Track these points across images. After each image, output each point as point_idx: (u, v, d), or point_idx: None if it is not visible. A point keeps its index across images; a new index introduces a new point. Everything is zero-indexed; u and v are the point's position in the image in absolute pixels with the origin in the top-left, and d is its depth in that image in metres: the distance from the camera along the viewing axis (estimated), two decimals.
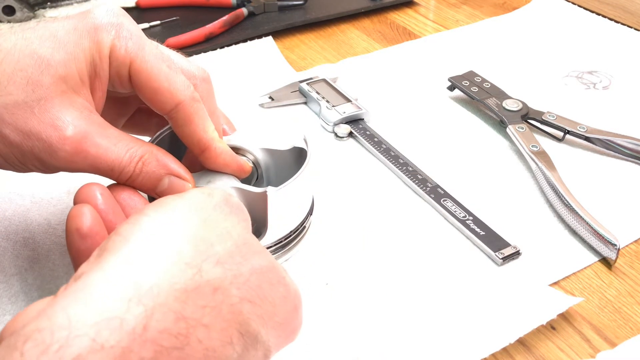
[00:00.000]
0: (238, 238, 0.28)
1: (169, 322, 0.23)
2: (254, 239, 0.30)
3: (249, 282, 0.27)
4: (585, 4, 0.79)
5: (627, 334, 0.39)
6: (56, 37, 0.34)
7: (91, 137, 0.34)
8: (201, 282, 0.25)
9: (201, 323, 0.24)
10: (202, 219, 0.28)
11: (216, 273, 0.26)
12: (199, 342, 0.24)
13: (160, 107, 0.36)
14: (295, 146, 0.43)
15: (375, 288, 0.41)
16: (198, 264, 0.26)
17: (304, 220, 0.43)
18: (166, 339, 0.23)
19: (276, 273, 0.29)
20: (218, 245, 0.27)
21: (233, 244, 0.28)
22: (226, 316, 0.25)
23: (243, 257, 0.28)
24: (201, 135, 0.37)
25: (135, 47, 0.35)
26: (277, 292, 0.28)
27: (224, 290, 0.26)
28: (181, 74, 0.36)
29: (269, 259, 0.29)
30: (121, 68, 0.35)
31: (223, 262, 0.27)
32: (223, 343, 0.25)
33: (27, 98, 0.33)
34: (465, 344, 0.37)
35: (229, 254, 0.27)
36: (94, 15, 0.35)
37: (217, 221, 0.29)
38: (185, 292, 0.24)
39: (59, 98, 0.33)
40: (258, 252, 0.29)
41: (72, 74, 0.34)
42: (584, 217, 0.44)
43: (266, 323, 0.27)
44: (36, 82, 0.33)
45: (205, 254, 0.26)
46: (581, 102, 0.61)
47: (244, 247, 0.28)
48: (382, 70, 0.66)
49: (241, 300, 0.26)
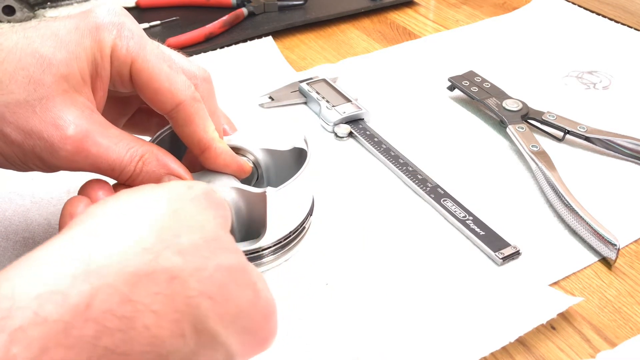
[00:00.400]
0: (209, 233, 0.28)
1: (113, 303, 0.23)
2: (229, 237, 0.29)
3: (212, 278, 0.26)
4: (585, 4, 0.79)
5: (627, 334, 0.39)
6: (58, 36, 0.34)
7: (92, 137, 0.34)
8: (157, 269, 0.25)
9: (150, 309, 0.24)
10: (173, 209, 0.28)
11: (176, 262, 0.25)
12: (146, 328, 0.24)
13: (161, 107, 0.36)
14: (295, 147, 0.43)
15: (375, 288, 0.41)
16: (157, 250, 0.25)
17: (303, 221, 0.43)
18: (109, 320, 0.23)
19: (246, 276, 0.28)
20: (184, 236, 0.27)
21: (202, 237, 0.27)
22: (180, 307, 0.25)
23: (211, 252, 0.27)
24: (201, 136, 0.37)
25: (137, 46, 0.35)
26: (244, 295, 0.28)
27: (182, 280, 0.25)
28: (182, 74, 0.36)
29: (241, 261, 0.29)
30: (122, 67, 0.35)
31: (186, 253, 0.26)
32: (173, 334, 0.25)
33: (28, 97, 0.33)
34: (465, 344, 0.37)
35: (194, 247, 0.27)
36: (96, 15, 0.35)
37: (189, 213, 0.28)
38: (137, 275, 0.24)
39: (60, 97, 0.33)
40: (229, 250, 0.28)
41: (74, 73, 0.34)
42: (584, 217, 0.44)
43: (227, 325, 0.27)
44: (38, 81, 0.33)
45: (168, 242, 0.26)
46: (581, 102, 0.61)
47: (213, 242, 0.28)
48: (382, 70, 0.66)
49: (200, 294, 0.26)
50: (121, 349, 0.23)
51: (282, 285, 0.41)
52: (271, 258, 0.42)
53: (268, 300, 0.29)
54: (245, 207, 0.39)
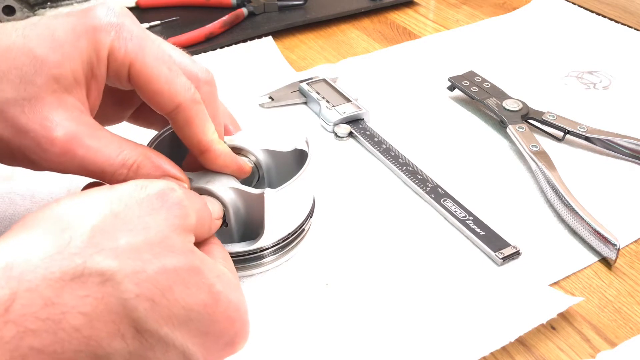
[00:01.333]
0: (155, 235, 0.28)
1: (36, 306, 0.24)
2: (182, 238, 0.29)
3: (153, 281, 0.26)
4: (585, 4, 0.79)
5: (627, 334, 0.39)
6: (54, 37, 0.34)
7: (79, 139, 0.34)
8: (85, 272, 0.25)
9: (78, 311, 0.25)
10: (114, 212, 0.28)
11: (109, 265, 0.26)
12: (76, 330, 0.24)
13: (160, 108, 0.36)
14: (296, 148, 0.43)
15: (375, 288, 0.41)
16: (87, 254, 0.26)
17: (304, 222, 0.43)
18: (32, 322, 0.24)
19: (198, 278, 0.28)
20: (123, 238, 0.27)
21: (144, 240, 0.27)
22: (115, 309, 0.25)
23: (154, 255, 0.27)
24: (200, 138, 0.37)
25: (135, 48, 0.34)
26: (194, 298, 0.28)
27: (115, 283, 0.26)
28: (182, 76, 0.36)
29: (193, 262, 0.28)
30: (120, 69, 0.35)
31: (122, 255, 0.26)
32: (110, 335, 0.25)
33: (18, 96, 0.33)
34: (466, 343, 0.37)
35: (134, 249, 0.27)
36: (94, 15, 0.34)
37: (134, 215, 0.28)
38: (62, 280, 0.25)
39: (49, 98, 0.33)
40: (178, 252, 0.28)
41: (66, 74, 0.34)
42: (584, 217, 0.44)
43: (177, 327, 0.27)
44: (29, 81, 0.33)
45: (101, 245, 0.26)
46: (581, 102, 0.61)
47: (159, 245, 0.28)
48: (382, 70, 0.66)
49: (137, 296, 0.26)
50: (51, 349, 0.24)
51: (283, 285, 0.41)
52: (272, 258, 0.42)
53: (231, 302, 0.29)
54: (243, 208, 0.39)
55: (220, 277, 0.29)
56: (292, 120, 0.58)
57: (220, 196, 0.38)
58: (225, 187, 0.39)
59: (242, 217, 0.40)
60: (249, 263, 0.41)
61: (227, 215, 0.39)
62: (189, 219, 0.30)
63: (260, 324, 0.38)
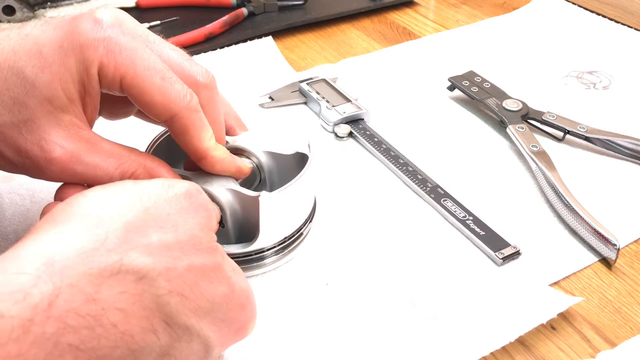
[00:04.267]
0: (184, 233, 0.29)
1: (77, 302, 0.24)
2: (207, 238, 0.30)
3: (183, 277, 0.27)
4: (585, 4, 0.79)
5: (627, 334, 0.39)
6: (42, 55, 0.33)
7: (78, 156, 0.34)
8: (122, 269, 0.26)
9: (115, 307, 0.25)
10: (145, 208, 0.28)
11: (144, 262, 0.26)
12: (113, 325, 0.25)
13: (156, 118, 0.36)
14: (298, 151, 0.43)
15: (375, 288, 0.41)
16: (123, 251, 0.26)
17: (303, 225, 0.43)
18: (73, 318, 0.24)
19: (220, 273, 0.29)
20: (155, 235, 0.27)
21: (174, 237, 0.28)
22: (149, 305, 0.26)
23: (183, 252, 0.28)
24: (197, 146, 0.37)
25: (126, 61, 0.34)
26: (217, 291, 0.29)
27: (150, 280, 0.26)
28: (177, 83, 0.35)
29: (216, 260, 0.30)
30: (112, 84, 0.34)
31: (156, 253, 0.27)
32: (144, 330, 0.26)
33: (13, 118, 0.33)
34: (466, 344, 0.37)
35: (165, 246, 0.27)
36: (81, 31, 0.34)
37: (163, 212, 0.29)
38: (101, 277, 0.25)
39: (45, 118, 0.34)
40: (204, 251, 0.29)
41: (58, 95, 0.34)
42: (584, 217, 0.44)
43: (201, 318, 0.28)
44: (22, 103, 0.33)
45: (135, 242, 0.27)
46: (581, 102, 0.61)
47: (187, 243, 0.28)
48: (382, 70, 0.66)
49: (170, 292, 0.27)
50: (88, 345, 0.24)
51: (283, 285, 0.41)
52: (273, 259, 0.42)
53: (243, 290, 0.31)
54: (240, 209, 0.39)
55: (234, 270, 0.31)
56: (295, 123, 0.58)
57: (217, 197, 0.38)
58: (222, 188, 0.39)
59: (239, 218, 0.40)
60: (250, 264, 0.41)
61: (224, 217, 0.39)
62: (212, 220, 0.32)
63: (260, 323, 0.38)
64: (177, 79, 0.36)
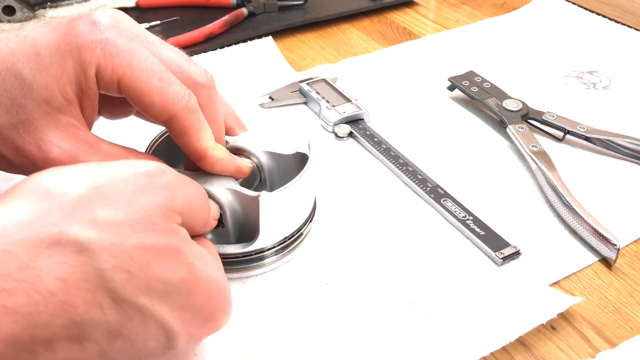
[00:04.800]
0: (137, 212, 0.28)
1: (11, 268, 0.25)
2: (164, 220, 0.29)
3: (131, 254, 0.27)
4: (585, 4, 0.79)
5: (627, 334, 0.39)
6: (39, 57, 0.34)
7: (75, 157, 0.34)
8: (62, 241, 0.26)
9: (55, 277, 0.25)
10: (96, 185, 0.28)
11: (86, 235, 0.26)
12: (51, 294, 0.25)
13: (154, 118, 0.36)
14: (298, 151, 0.43)
15: (375, 288, 0.41)
16: (66, 224, 0.26)
17: (303, 225, 0.43)
18: (7, 282, 0.25)
19: (176, 256, 0.28)
20: (103, 211, 0.27)
21: (125, 215, 0.28)
22: (91, 278, 0.26)
23: (133, 230, 0.27)
24: (196, 146, 0.37)
25: (123, 62, 0.34)
26: (173, 274, 0.28)
27: (92, 253, 0.26)
28: (175, 84, 0.35)
29: (172, 242, 0.28)
30: (110, 85, 0.35)
31: (102, 228, 0.27)
32: (87, 303, 0.26)
33: (12, 119, 0.34)
34: (466, 344, 0.37)
35: (113, 223, 0.27)
36: (78, 32, 0.34)
37: (117, 190, 0.28)
38: (38, 246, 0.25)
39: (43, 120, 0.34)
40: (159, 232, 0.28)
41: (56, 97, 0.34)
42: (584, 217, 0.44)
43: (155, 300, 0.27)
44: (20, 104, 0.34)
45: (80, 217, 0.27)
46: (581, 102, 0.61)
47: (139, 221, 0.28)
48: (382, 70, 0.66)
49: (114, 267, 0.26)
50: (25, 310, 0.25)
51: (283, 285, 0.41)
52: (273, 259, 0.42)
53: (210, 278, 0.30)
54: (240, 209, 0.39)
55: (201, 258, 0.30)
56: (295, 123, 0.58)
57: (217, 197, 0.38)
58: (222, 188, 0.39)
59: (239, 218, 0.40)
60: (250, 264, 0.41)
61: (224, 216, 0.39)
62: (175, 202, 0.30)
63: (260, 323, 0.38)
64: (176, 79, 0.36)
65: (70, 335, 0.26)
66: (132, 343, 0.27)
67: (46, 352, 0.25)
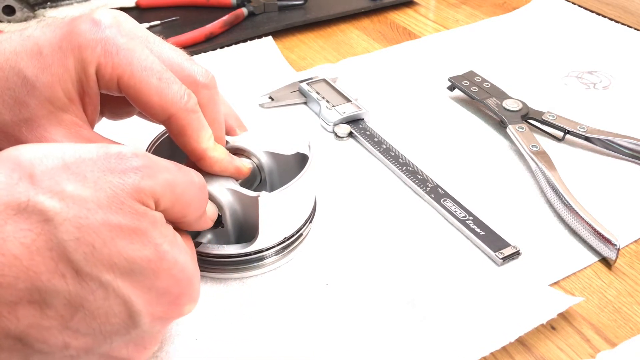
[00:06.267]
0: (104, 191, 0.28)
1: None
2: (132, 201, 0.29)
3: (96, 229, 0.27)
4: (585, 4, 0.79)
5: (627, 334, 0.39)
6: (42, 55, 0.34)
7: None
8: (28, 209, 0.26)
9: (20, 242, 0.26)
10: (65, 163, 0.28)
11: (52, 206, 0.27)
12: (15, 257, 0.26)
13: (153, 118, 0.36)
14: (298, 152, 0.43)
15: (375, 288, 0.41)
16: (33, 194, 0.27)
17: (303, 226, 0.43)
18: None
19: (143, 237, 0.28)
20: (70, 185, 0.27)
21: (92, 193, 0.28)
22: (54, 247, 0.26)
23: (99, 207, 0.28)
24: (195, 146, 0.37)
25: (123, 62, 0.34)
26: (138, 253, 0.28)
27: (56, 223, 0.26)
28: (175, 83, 0.35)
29: (139, 224, 0.28)
30: (110, 84, 0.35)
31: (68, 200, 0.27)
32: (49, 271, 0.26)
33: (15, 117, 0.34)
34: (466, 344, 0.37)
35: (79, 197, 0.27)
36: (79, 31, 0.34)
37: (86, 169, 0.28)
38: (5, 213, 0.26)
39: (45, 118, 0.34)
40: (126, 212, 0.28)
41: (58, 96, 0.34)
42: (584, 217, 0.44)
43: (119, 276, 0.28)
44: (23, 102, 0.34)
45: (47, 188, 0.27)
46: (581, 102, 0.61)
47: (106, 200, 0.28)
48: (382, 70, 0.66)
49: (77, 239, 0.27)
50: None
51: (283, 285, 0.41)
52: (273, 259, 0.42)
53: (178, 263, 0.30)
54: (240, 209, 0.39)
55: (170, 241, 0.30)
56: (295, 123, 0.58)
57: (217, 197, 0.38)
58: (222, 188, 0.39)
59: (238, 218, 0.40)
60: (250, 264, 0.41)
61: (223, 217, 0.39)
62: (145, 185, 0.29)
63: (260, 323, 0.38)
64: (175, 79, 0.36)
65: (32, 300, 0.26)
66: (94, 317, 0.28)
67: (9, 315, 0.26)
